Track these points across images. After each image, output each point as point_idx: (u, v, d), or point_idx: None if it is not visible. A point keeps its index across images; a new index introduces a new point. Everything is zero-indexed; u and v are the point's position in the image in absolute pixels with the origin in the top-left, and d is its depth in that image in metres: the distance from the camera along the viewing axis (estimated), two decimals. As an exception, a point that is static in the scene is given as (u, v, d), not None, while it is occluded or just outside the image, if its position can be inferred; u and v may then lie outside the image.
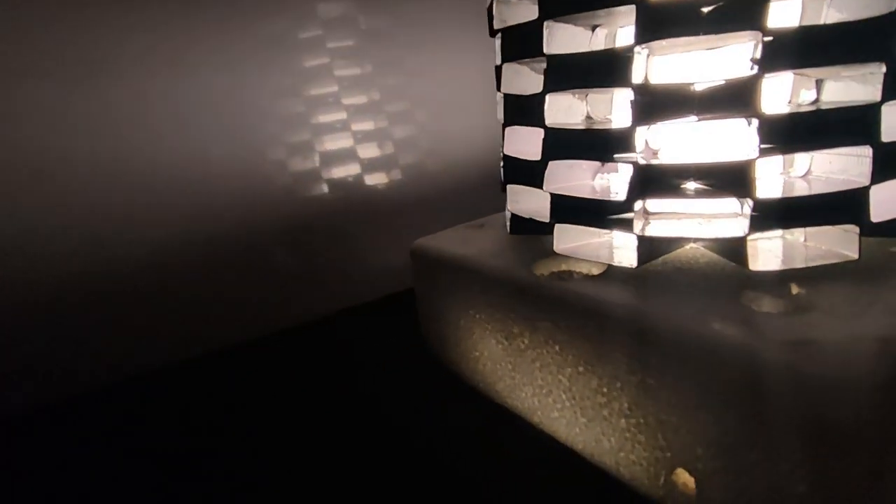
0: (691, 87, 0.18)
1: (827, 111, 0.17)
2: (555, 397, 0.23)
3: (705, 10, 0.17)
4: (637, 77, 0.18)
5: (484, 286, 0.25)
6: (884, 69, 0.17)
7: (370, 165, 0.44)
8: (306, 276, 0.41)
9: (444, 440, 0.25)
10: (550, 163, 0.22)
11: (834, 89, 0.19)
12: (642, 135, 0.19)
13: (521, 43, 0.22)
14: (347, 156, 0.43)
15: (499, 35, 0.24)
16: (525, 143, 0.24)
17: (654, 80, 0.19)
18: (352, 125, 0.43)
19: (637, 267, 0.21)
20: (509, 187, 0.26)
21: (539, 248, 0.25)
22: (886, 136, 0.17)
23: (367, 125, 0.44)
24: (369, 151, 0.44)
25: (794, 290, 0.19)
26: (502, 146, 0.28)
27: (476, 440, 0.25)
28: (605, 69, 0.19)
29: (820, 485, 0.15)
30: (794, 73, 0.19)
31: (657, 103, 0.18)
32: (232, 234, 0.37)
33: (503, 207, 0.31)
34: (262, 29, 0.37)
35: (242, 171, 0.37)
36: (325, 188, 0.42)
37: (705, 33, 0.17)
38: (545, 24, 0.20)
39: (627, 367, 0.19)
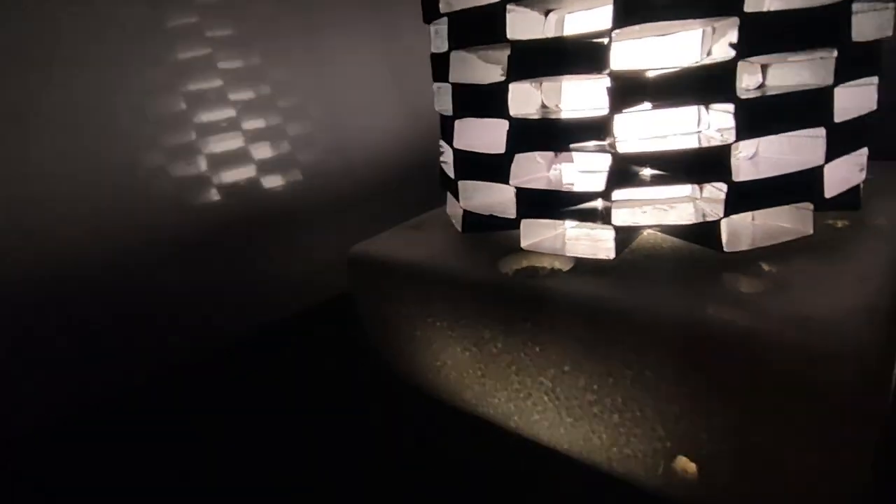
0: (667, 73, 0.18)
1: (786, 95, 0.18)
2: (535, 399, 0.22)
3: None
4: (614, 63, 0.18)
5: (445, 291, 0.24)
6: (835, 54, 0.18)
7: (265, 167, 0.39)
8: (204, 295, 0.36)
9: (416, 454, 0.23)
10: (517, 156, 0.20)
11: (779, 75, 0.20)
12: (619, 123, 0.18)
13: (478, 29, 0.20)
14: (238, 158, 0.39)
15: (442, 21, 0.22)
16: (481, 135, 0.22)
17: (621, 66, 0.18)
18: (241, 123, 0.39)
19: (614, 258, 0.20)
20: (461, 184, 0.24)
21: (494, 246, 0.24)
22: (838, 116, 0.18)
23: (257, 123, 0.40)
24: (262, 152, 0.40)
25: (766, 267, 0.19)
26: (445, 140, 0.26)
27: (450, 450, 0.24)
28: (578, 56, 0.18)
29: (825, 456, 0.16)
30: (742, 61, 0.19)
31: (632, 90, 0.18)
32: (99, 255, 0.31)
33: (425, 206, 0.30)
34: (127, 17, 0.31)
35: (114, 181, 0.32)
36: (214, 194, 0.37)
37: (683, 18, 0.17)
38: (508, 6, 0.19)
39: (622, 362, 0.19)
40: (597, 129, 0.18)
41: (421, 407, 0.27)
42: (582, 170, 0.22)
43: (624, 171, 0.19)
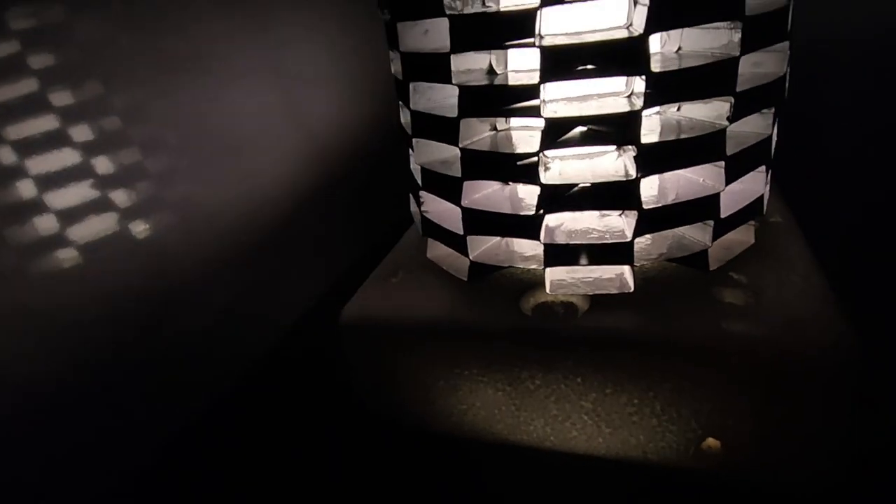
0: (588, 43, 0.19)
1: (693, 68, 0.20)
2: (573, 421, 0.25)
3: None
4: (545, 31, 0.19)
5: (475, 343, 0.25)
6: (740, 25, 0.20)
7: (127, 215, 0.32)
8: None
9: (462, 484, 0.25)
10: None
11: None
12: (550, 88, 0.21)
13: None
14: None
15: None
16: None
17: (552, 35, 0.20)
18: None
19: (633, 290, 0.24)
20: (470, 239, 0.25)
21: (494, 287, 0.26)
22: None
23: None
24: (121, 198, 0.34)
25: (735, 277, 0.25)
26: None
27: (493, 474, 0.26)
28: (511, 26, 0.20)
29: (818, 423, 0.22)
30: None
31: (559, 58, 0.20)
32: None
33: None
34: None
35: None
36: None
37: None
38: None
39: (662, 378, 0.23)
40: (530, 93, 0.20)
41: (445, 447, 0.28)
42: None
43: (555, 132, 0.21)
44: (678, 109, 0.24)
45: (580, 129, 0.21)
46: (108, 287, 0.28)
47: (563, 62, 0.19)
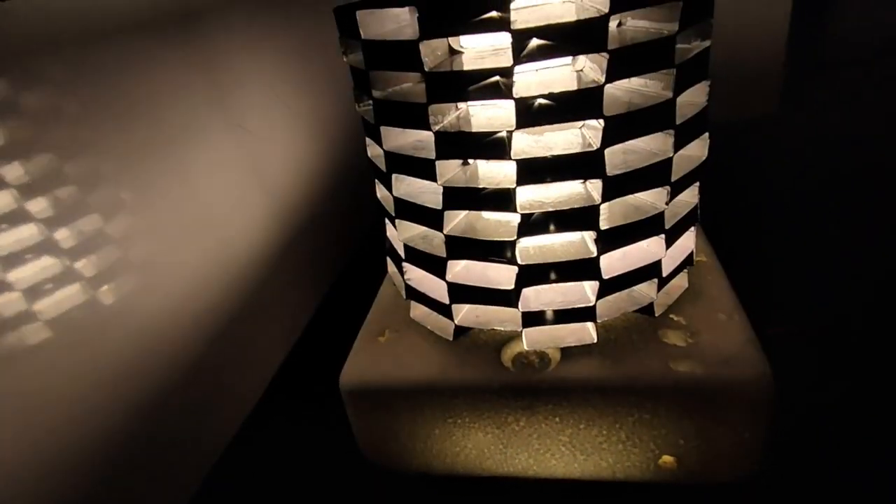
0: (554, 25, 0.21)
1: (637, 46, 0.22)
2: (553, 452, 0.30)
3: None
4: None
5: (466, 397, 0.29)
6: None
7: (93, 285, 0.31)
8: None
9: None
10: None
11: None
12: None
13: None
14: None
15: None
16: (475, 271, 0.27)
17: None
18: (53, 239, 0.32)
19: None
20: (456, 307, 0.29)
21: (478, 343, 0.30)
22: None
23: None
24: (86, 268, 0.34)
25: (675, 319, 0.30)
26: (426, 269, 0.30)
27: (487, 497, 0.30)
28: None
29: (746, 435, 0.27)
30: None
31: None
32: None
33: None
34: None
35: None
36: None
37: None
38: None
39: (627, 413, 0.28)
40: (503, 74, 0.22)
41: (445, 480, 0.31)
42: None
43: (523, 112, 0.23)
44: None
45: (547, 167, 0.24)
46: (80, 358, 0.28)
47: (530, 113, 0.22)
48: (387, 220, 0.33)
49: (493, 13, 0.21)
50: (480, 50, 0.24)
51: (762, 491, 0.29)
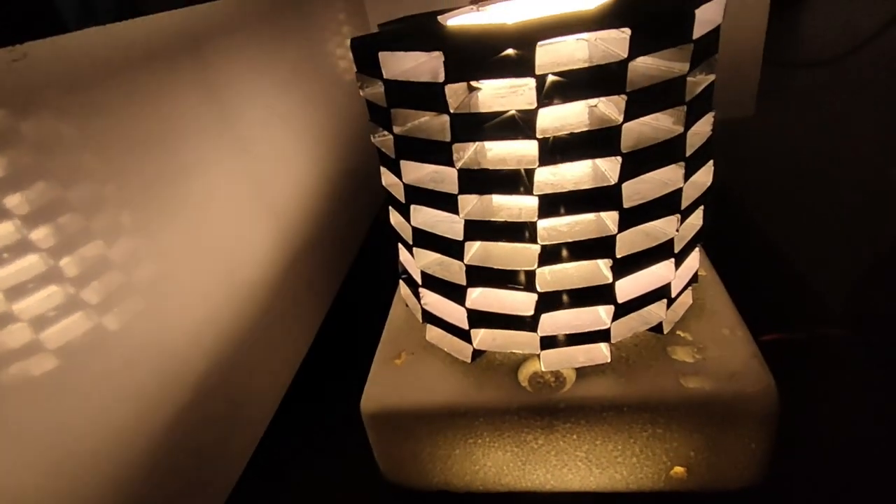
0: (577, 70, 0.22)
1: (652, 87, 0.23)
2: (569, 467, 0.31)
3: None
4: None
5: (486, 418, 0.30)
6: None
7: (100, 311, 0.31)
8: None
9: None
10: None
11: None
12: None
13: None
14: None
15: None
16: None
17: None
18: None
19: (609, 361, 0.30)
20: (475, 332, 0.30)
21: (494, 360, 0.31)
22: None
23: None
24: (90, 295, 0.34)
25: (682, 335, 0.31)
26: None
27: None
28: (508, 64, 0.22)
29: (754, 446, 0.29)
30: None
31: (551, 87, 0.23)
32: None
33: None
34: None
35: None
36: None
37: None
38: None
39: (641, 428, 0.29)
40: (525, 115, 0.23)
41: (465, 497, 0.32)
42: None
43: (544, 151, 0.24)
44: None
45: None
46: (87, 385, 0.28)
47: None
48: (400, 246, 0.34)
49: (516, 57, 0.22)
50: (498, 87, 0.25)
51: (769, 497, 0.31)
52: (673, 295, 0.29)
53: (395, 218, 0.33)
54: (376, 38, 0.27)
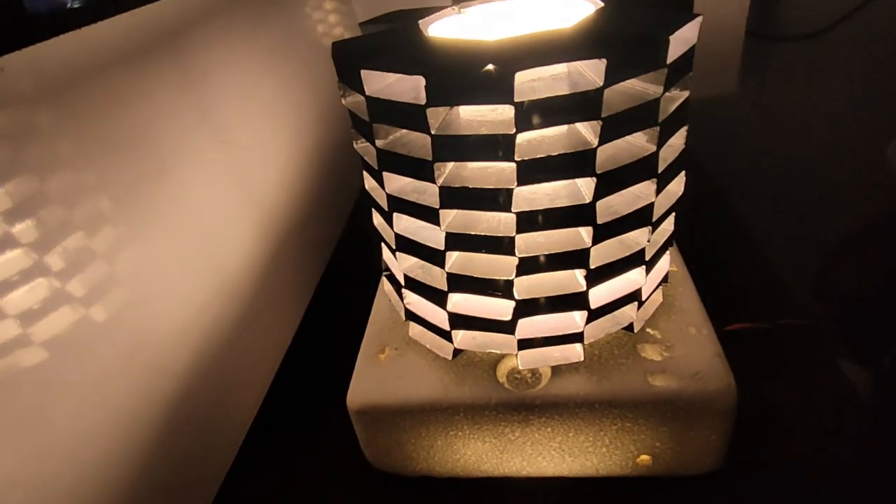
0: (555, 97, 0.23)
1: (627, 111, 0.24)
2: (544, 455, 0.33)
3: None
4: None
5: (466, 413, 0.31)
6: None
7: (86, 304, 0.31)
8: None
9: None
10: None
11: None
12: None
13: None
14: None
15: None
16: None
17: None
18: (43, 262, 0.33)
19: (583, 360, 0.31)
20: (455, 333, 0.31)
21: (474, 357, 0.32)
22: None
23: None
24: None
25: (652, 333, 0.33)
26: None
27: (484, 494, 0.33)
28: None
29: (712, 437, 0.31)
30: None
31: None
32: None
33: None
34: None
35: None
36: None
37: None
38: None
39: (610, 423, 0.31)
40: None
41: (441, 484, 0.35)
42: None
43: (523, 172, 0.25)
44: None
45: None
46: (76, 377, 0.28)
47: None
48: (384, 246, 0.35)
49: (495, 85, 0.22)
50: (480, 110, 0.26)
51: (728, 479, 0.33)
52: (644, 298, 0.31)
53: (377, 220, 0.33)
54: (358, 49, 0.27)
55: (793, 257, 0.52)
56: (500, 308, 0.29)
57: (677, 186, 0.30)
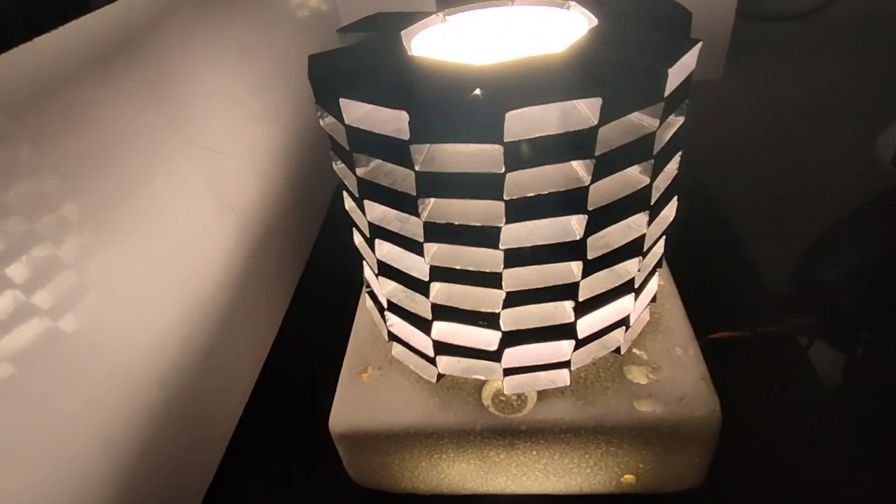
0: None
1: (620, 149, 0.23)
2: (528, 476, 0.33)
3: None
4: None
5: (451, 437, 0.31)
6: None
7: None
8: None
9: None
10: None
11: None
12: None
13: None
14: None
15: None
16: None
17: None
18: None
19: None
20: (441, 359, 0.30)
21: (459, 380, 0.32)
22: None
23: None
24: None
25: (637, 352, 0.33)
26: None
27: None
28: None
29: (695, 458, 0.31)
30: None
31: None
32: None
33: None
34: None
35: None
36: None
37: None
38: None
39: (595, 447, 0.31)
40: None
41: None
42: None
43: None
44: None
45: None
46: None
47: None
48: (365, 265, 0.33)
49: (484, 124, 0.21)
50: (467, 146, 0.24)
51: (708, 495, 0.34)
52: (632, 323, 0.30)
53: (358, 239, 0.32)
54: (336, 71, 0.26)
55: (776, 254, 0.52)
56: (486, 338, 0.28)
57: (669, 212, 0.29)
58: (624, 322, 0.30)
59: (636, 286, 0.29)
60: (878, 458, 0.35)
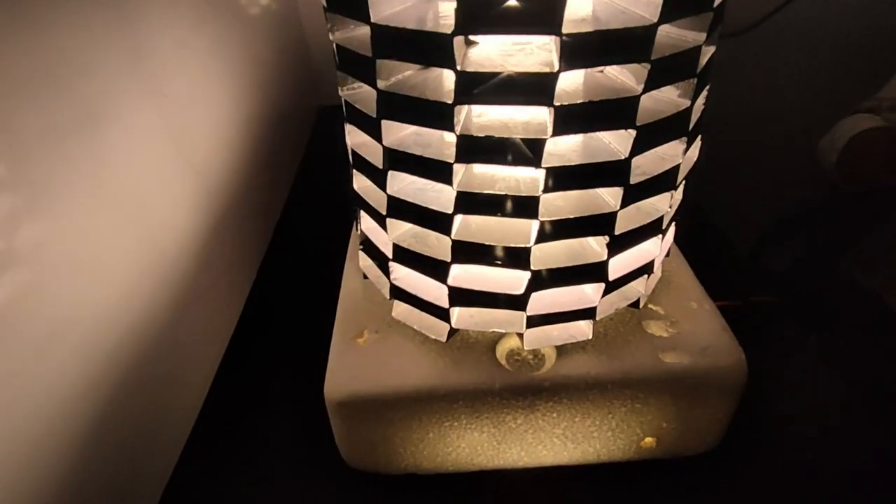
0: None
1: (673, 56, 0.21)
2: (545, 444, 0.30)
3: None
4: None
5: (466, 400, 0.28)
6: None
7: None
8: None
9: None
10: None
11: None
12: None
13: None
14: None
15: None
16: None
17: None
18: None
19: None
20: (456, 310, 0.27)
21: (468, 336, 0.29)
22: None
23: None
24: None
25: (655, 309, 0.31)
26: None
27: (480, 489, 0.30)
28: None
29: (718, 413, 0.30)
30: None
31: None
32: None
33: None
34: None
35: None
36: None
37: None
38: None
39: (621, 404, 0.29)
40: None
41: (426, 483, 0.31)
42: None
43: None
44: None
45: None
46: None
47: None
48: (363, 214, 0.30)
49: (540, 10, 0.19)
50: (502, 42, 0.22)
51: (725, 457, 0.32)
52: (654, 271, 0.29)
53: (360, 183, 0.29)
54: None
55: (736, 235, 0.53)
56: (512, 280, 0.26)
57: (695, 151, 0.28)
58: (647, 269, 0.29)
59: (663, 226, 0.27)
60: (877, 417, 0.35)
